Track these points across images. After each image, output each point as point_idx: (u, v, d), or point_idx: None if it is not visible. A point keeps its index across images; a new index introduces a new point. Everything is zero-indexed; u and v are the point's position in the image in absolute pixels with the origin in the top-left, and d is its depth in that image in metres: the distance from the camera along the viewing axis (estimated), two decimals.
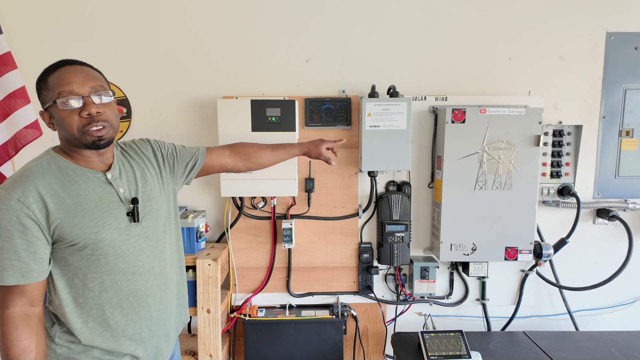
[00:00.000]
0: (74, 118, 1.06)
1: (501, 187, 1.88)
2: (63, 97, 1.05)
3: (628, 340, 1.86)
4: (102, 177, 1.14)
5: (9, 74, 1.74)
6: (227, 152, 1.53)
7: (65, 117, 1.06)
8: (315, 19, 1.97)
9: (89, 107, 1.07)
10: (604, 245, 2.11)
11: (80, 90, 1.07)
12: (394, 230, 1.96)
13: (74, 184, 1.10)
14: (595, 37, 1.99)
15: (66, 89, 1.05)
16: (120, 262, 1.14)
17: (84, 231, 1.07)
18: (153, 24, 1.96)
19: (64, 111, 1.06)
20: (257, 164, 1.58)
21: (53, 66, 1.10)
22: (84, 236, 1.08)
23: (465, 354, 1.68)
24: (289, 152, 1.63)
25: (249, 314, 2.00)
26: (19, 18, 1.93)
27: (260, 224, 2.06)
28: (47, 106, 1.08)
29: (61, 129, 1.09)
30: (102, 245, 1.10)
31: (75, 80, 1.07)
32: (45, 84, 1.08)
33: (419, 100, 2.00)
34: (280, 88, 2.00)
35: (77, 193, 1.09)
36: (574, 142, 2.00)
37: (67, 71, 1.08)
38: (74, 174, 1.11)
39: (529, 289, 2.10)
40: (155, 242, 1.22)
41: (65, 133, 1.09)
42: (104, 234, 1.10)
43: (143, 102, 2.00)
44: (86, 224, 1.08)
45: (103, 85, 1.13)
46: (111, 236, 1.11)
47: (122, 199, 1.15)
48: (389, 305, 2.12)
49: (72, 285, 1.12)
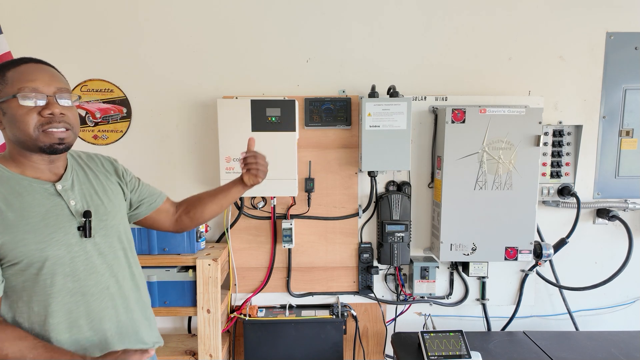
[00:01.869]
0: (33, 116, 0.97)
1: (501, 187, 1.88)
2: (25, 92, 0.96)
3: (628, 340, 1.85)
4: (51, 188, 1.04)
5: None
6: (173, 217, 1.39)
7: (23, 114, 0.96)
8: (315, 19, 1.97)
9: (53, 106, 0.98)
10: (604, 245, 2.11)
11: (45, 89, 0.99)
12: (394, 230, 1.96)
13: (18, 196, 0.99)
14: (595, 37, 1.99)
15: (30, 85, 0.97)
16: (69, 282, 1.03)
17: (29, 248, 0.97)
18: (153, 23, 1.96)
19: (23, 107, 0.96)
20: (203, 221, 1.41)
21: (14, 61, 1.01)
22: (29, 253, 0.97)
23: (465, 354, 1.68)
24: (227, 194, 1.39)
25: (249, 314, 2.00)
26: (19, 18, 1.93)
27: (260, 224, 2.06)
28: (1, 101, 0.97)
29: (14, 127, 0.98)
30: (49, 263, 1.00)
31: (41, 78, 0.99)
32: (1, 78, 0.98)
33: (419, 100, 2.00)
34: (280, 88, 2.00)
35: (21, 206, 0.98)
36: (574, 142, 2.00)
37: (33, 68, 1.00)
38: (18, 185, 1.00)
39: (529, 289, 2.10)
40: (112, 259, 1.12)
41: (18, 132, 0.98)
42: (51, 251, 1.00)
43: (143, 102, 2.00)
44: (31, 239, 0.98)
45: (68, 89, 1.05)
46: (59, 253, 1.01)
47: (73, 212, 1.05)
48: (389, 305, 2.12)
49: (16, 309, 1.01)
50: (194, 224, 1.39)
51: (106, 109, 1.99)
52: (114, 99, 1.99)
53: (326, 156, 2.03)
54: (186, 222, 1.39)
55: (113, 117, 2.00)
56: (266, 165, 1.35)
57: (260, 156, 1.34)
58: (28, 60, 1.01)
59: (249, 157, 1.33)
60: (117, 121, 2.00)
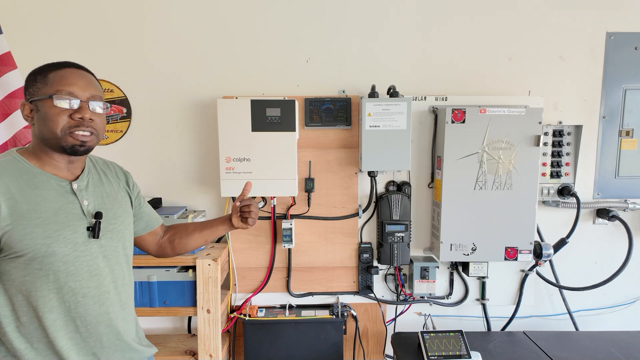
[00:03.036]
0: (63, 117, 1.02)
1: (501, 187, 1.88)
2: (61, 95, 1.02)
3: (628, 340, 1.86)
4: (67, 186, 1.07)
5: (9, 74, 1.74)
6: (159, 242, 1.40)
7: (55, 114, 1.02)
8: (315, 19, 1.97)
9: (84, 111, 1.04)
10: (604, 245, 2.11)
11: (80, 94, 1.05)
12: (394, 230, 1.96)
13: (34, 189, 1.02)
14: (595, 37, 1.99)
15: (67, 88, 1.03)
16: (71, 281, 1.04)
17: (35, 242, 0.99)
18: (153, 24, 1.96)
19: (56, 108, 1.02)
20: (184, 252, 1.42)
21: (57, 64, 1.07)
22: (35, 247, 0.99)
23: (465, 354, 1.68)
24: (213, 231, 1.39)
25: (249, 314, 2.00)
26: (19, 18, 1.93)
27: (260, 224, 2.06)
28: (37, 99, 1.03)
29: (43, 125, 1.03)
30: (53, 259, 1.01)
31: (78, 83, 1.05)
32: (42, 77, 1.04)
33: (419, 100, 2.00)
34: (280, 88, 2.00)
35: (35, 199, 1.01)
36: (574, 142, 2.00)
37: (72, 73, 1.06)
38: (36, 178, 1.03)
39: (529, 289, 2.10)
40: (115, 264, 1.14)
41: (45, 130, 1.03)
42: (57, 247, 1.01)
43: (143, 102, 2.00)
44: (39, 233, 0.99)
45: (101, 96, 1.11)
46: (65, 250, 1.02)
47: (85, 212, 1.08)
48: (389, 305, 2.12)
49: (14, 303, 1.02)
50: (175, 252, 1.40)
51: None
52: (114, 99, 1.99)
53: (326, 156, 2.03)
54: (168, 250, 1.40)
55: (113, 117, 2.00)
56: (257, 212, 1.37)
57: (255, 204, 1.36)
58: (71, 65, 1.08)
59: (245, 206, 1.34)
60: (117, 121, 2.00)
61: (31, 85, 1.05)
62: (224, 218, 1.40)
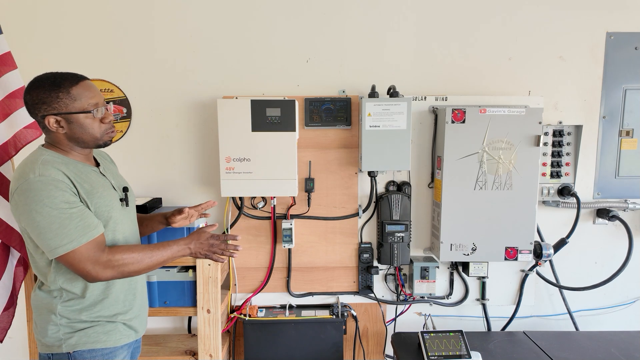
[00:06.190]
0: (98, 124, 1.25)
1: (501, 187, 1.88)
2: (99, 107, 1.24)
3: (628, 340, 1.86)
4: (97, 170, 1.32)
5: (9, 74, 1.73)
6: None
7: (92, 123, 1.24)
8: (315, 19, 1.97)
9: (110, 116, 1.29)
10: (604, 245, 2.11)
11: (102, 102, 1.26)
12: (394, 230, 1.96)
13: (82, 174, 1.24)
14: (595, 37, 1.99)
15: (93, 100, 1.23)
16: (120, 238, 1.31)
17: (102, 209, 1.24)
18: (153, 24, 1.96)
19: (93, 119, 1.24)
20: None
21: (72, 79, 1.22)
22: (101, 214, 1.24)
23: (465, 354, 1.68)
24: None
25: (249, 314, 2.00)
26: (19, 18, 1.93)
27: (260, 224, 2.06)
28: (69, 112, 1.20)
29: (82, 132, 1.23)
30: (112, 221, 1.27)
31: (96, 93, 1.26)
32: (66, 94, 1.19)
33: (419, 100, 2.00)
34: (280, 88, 2.00)
35: (89, 180, 1.25)
36: (574, 142, 2.00)
37: (90, 85, 1.25)
38: (77, 166, 1.25)
39: (529, 289, 2.10)
40: (136, 226, 1.43)
41: (85, 136, 1.24)
42: (114, 213, 1.28)
43: (143, 102, 2.00)
44: (102, 203, 1.25)
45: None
46: (116, 215, 1.29)
47: (115, 188, 1.34)
48: (389, 305, 2.12)
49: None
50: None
51: None
52: (114, 99, 1.99)
53: (326, 156, 2.03)
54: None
55: (113, 117, 2.00)
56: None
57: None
58: (83, 78, 1.25)
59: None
60: (117, 121, 2.00)
61: (55, 102, 1.19)
62: (158, 216, 1.58)
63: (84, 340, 1.25)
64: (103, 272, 1.19)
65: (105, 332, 1.28)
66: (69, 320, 1.24)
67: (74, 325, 1.25)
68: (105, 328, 1.28)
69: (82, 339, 1.25)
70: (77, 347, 1.25)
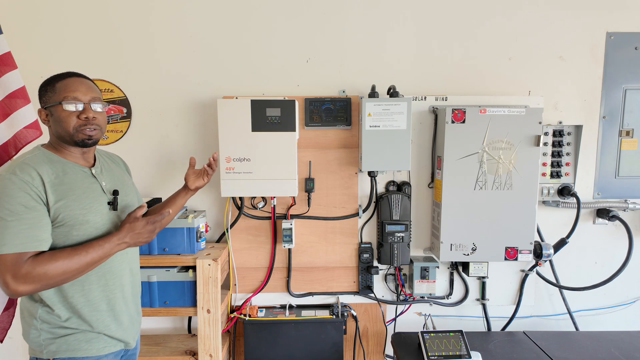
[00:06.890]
0: (73, 118, 1.24)
1: (501, 187, 1.88)
2: (68, 100, 1.23)
3: (628, 340, 1.86)
4: (88, 171, 1.31)
5: (9, 74, 1.73)
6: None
7: (66, 117, 1.24)
8: (315, 19, 1.97)
9: (88, 112, 1.26)
10: (604, 245, 2.11)
11: (83, 98, 1.26)
12: (394, 230, 1.96)
13: (65, 174, 1.24)
14: (595, 37, 1.99)
15: (72, 94, 1.24)
16: None
17: (75, 212, 1.21)
18: (153, 24, 1.96)
19: (66, 111, 1.24)
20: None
21: (63, 75, 1.28)
22: (74, 217, 1.21)
23: (465, 354, 1.68)
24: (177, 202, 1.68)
25: (249, 314, 2.00)
26: (19, 18, 1.93)
27: (260, 224, 2.06)
28: (50, 105, 1.25)
29: (58, 125, 1.25)
30: (87, 226, 1.23)
31: (80, 89, 1.26)
32: (51, 87, 1.25)
33: (419, 100, 2.00)
34: (280, 88, 2.00)
35: (69, 181, 1.24)
36: (574, 142, 2.00)
37: (75, 81, 1.27)
38: (65, 166, 1.26)
39: (529, 289, 2.10)
40: None
41: (60, 130, 1.25)
42: (90, 217, 1.24)
43: (143, 102, 2.00)
44: (76, 206, 1.22)
45: (100, 97, 1.32)
46: (96, 219, 1.25)
47: (105, 191, 1.32)
48: (389, 305, 2.12)
49: None
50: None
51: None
52: (114, 99, 1.99)
53: (326, 156, 2.03)
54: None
55: (113, 117, 2.00)
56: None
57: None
58: (73, 75, 1.29)
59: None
60: (117, 121, 2.00)
61: (44, 95, 1.27)
62: (179, 191, 1.67)
63: (64, 347, 1.22)
64: (22, 286, 1.11)
65: (87, 341, 1.25)
66: (49, 326, 1.22)
67: (54, 331, 1.22)
68: (87, 336, 1.25)
69: (62, 346, 1.22)
70: (57, 355, 1.22)
